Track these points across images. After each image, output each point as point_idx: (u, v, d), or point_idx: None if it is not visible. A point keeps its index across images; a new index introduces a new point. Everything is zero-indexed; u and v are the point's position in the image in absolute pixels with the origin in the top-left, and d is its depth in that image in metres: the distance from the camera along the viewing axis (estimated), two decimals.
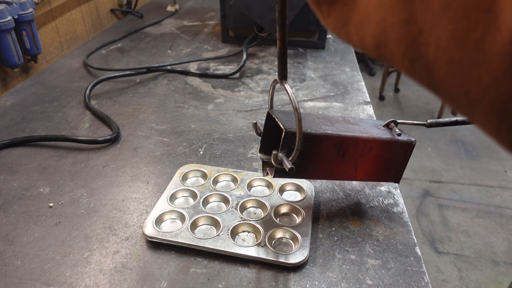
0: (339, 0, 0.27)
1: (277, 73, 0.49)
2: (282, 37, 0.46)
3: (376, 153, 0.57)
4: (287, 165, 0.48)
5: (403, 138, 0.58)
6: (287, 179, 0.65)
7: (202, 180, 0.68)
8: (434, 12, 0.21)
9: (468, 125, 0.60)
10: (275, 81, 0.52)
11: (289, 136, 0.50)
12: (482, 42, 0.19)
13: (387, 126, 0.60)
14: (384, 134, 0.57)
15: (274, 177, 0.55)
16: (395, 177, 0.61)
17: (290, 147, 0.50)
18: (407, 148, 0.58)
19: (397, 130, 0.59)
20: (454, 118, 0.60)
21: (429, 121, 0.61)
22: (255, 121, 0.57)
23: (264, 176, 0.57)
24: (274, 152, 0.50)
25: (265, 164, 0.56)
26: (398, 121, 0.61)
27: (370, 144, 0.56)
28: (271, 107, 0.57)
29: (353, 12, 0.26)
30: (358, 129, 0.57)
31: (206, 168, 0.69)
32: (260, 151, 0.57)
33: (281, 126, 0.50)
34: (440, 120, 0.61)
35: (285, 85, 0.49)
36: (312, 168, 0.56)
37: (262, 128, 0.56)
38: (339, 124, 0.57)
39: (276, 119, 0.52)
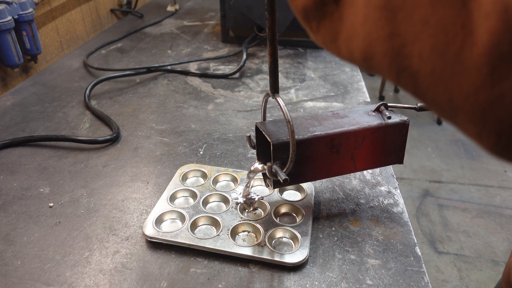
0: (328, 16, 0.28)
1: (269, 87, 0.50)
2: (272, 52, 0.46)
3: (370, 141, 0.57)
4: (282, 176, 0.49)
5: (394, 119, 0.57)
6: (265, 162, 0.65)
7: (202, 180, 0.68)
8: (415, 27, 0.22)
9: None
10: (267, 95, 0.52)
11: (278, 147, 0.50)
12: (461, 54, 0.20)
13: (377, 110, 0.60)
14: (374, 121, 0.57)
15: (274, 188, 0.56)
16: (398, 158, 0.61)
17: (282, 157, 0.51)
18: (402, 128, 0.58)
19: (386, 113, 0.58)
20: None
21: (419, 104, 0.61)
22: (248, 134, 0.57)
23: (267, 187, 0.58)
24: (268, 164, 0.51)
25: (265, 176, 0.57)
26: (388, 104, 0.60)
27: (362, 135, 0.56)
28: (264, 119, 0.58)
29: (341, 27, 0.27)
30: (348, 121, 0.57)
31: (206, 168, 0.69)
32: (259, 162, 0.57)
33: (268, 139, 0.51)
34: None
35: (277, 99, 0.49)
36: (309, 171, 0.56)
37: (255, 141, 0.57)
38: (328, 121, 0.57)
39: (263, 132, 0.53)
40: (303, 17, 0.30)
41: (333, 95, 1.00)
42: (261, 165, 0.56)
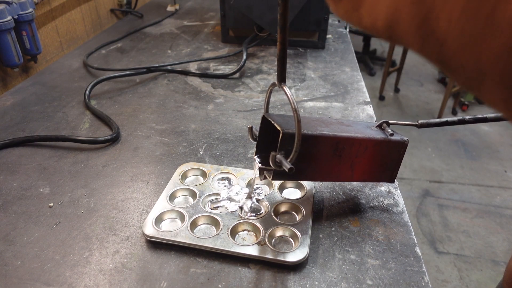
0: None
1: (276, 75, 0.49)
2: (283, 39, 0.46)
3: (371, 153, 0.57)
4: (286, 165, 0.48)
5: (396, 137, 0.59)
6: (262, 156, 0.65)
7: (201, 179, 0.68)
8: None
9: (459, 125, 0.61)
10: (273, 84, 0.52)
11: (287, 137, 0.50)
12: (494, 13, 0.19)
13: (379, 127, 0.61)
14: (377, 134, 0.58)
15: (272, 179, 0.55)
16: (391, 177, 0.62)
17: (287, 148, 0.50)
18: (401, 147, 0.59)
19: (389, 131, 0.59)
20: (444, 119, 0.61)
21: (420, 121, 0.62)
22: (250, 126, 0.57)
23: (261, 180, 0.57)
24: (273, 153, 0.50)
25: (262, 169, 0.56)
26: (390, 121, 0.62)
27: (365, 144, 0.56)
28: (267, 110, 0.57)
29: None
30: (353, 129, 0.57)
31: (205, 167, 0.69)
32: (256, 155, 0.57)
33: (278, 128, 0.51)
34: (431, 120, 0.62)
35: (284, 88, 0.49)
36: (309, 170, 0.56)
37: (257, 133, 0.57)
38: (334, 126, 0.57)
39: (272, 122, 0.53)
40: None
41: (333, 95, 1.00)
42: (258, 170, 0.55)
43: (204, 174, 0.68)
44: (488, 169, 2.42)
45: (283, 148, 0.50)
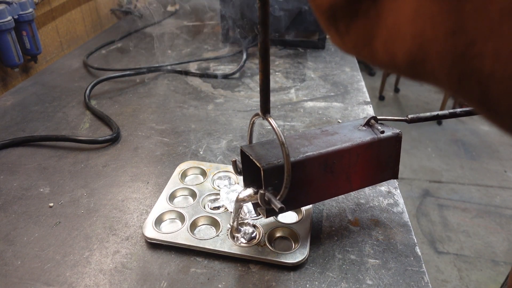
0: (361, 14, 0.23)
1: (260, 106, 0.46)
2: (264, 68, 0.42)
3: (364, 158, 0.54)
4: (277, 205, 0.45)
5: (387, 133, 0.55)
6: (253, 187, 0.59)
7: (201, 178, 0.68)
8: (490, 20, 0.17)
9: (450, 118, 0.58)
10: (256, 115, 0.48)
11: (269, 172, 0.46)
12: None
13: (367, 124, 0.57)
14: (367, 136, 0.54)
15: (267, 217, 0.51)
16: (393, 173, 0.58)
17: (274, 182, 0.47)
18: (395, 141, 0.56)
19: (379, 128, 0.55)
20: (435, 113, 0.58)
21: (410, 116, 0.58)
22: (234, 159, 0.53)
23: (258, 216, 0.54)
24: (261, 191, 0.46)
25: (256, 204, 0.53)
26: (378, 117, 0.58)
27: (355, 152, 0.53)
28: (250, 142, 0.53)
29: (379, 27, 0.23)
30: (339, 138, 0.53)
31: (205, 165, 0.69)
32: (245, 188, 0.52)
33: (258, 165, 0.47)
34: (421, 115, 0.59)
35: (269, 119, 0.45)
36: (303, 196, 0.52)
37: (241, 165, 0.53)
38: (318, 140, 0.53)
39: (251, 157, 0.49)
40: (328, 17, 0.25)
41: (333, 95, 1.00)
42: (248, 192, 0.51)
43: (204, 173, 0.68)
44: (488, 169, 2.42)
45: (269, 183, 0.47)
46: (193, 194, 0.63)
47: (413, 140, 2.68)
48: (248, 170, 0.53)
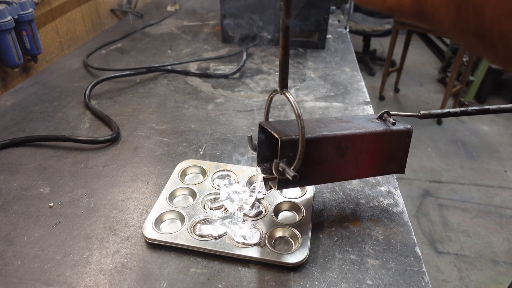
0: None
1: (278, 81, 0.48)
2: (285, 44, 0.45)
3: (375, 147, 0.56)
4: (290, 173, 0.47)
5: (398, 127, 0.57)
6: (265, 165, 0.64)
7: (201, 177, 0.68)
8: None
9: (461, 116, 0.59)
10: (275, 91, 0.51)
11: (286, 144, 0.49)
12: None
13: (380, 118, 0.59)
14: (379, 127, 0.57)
15: (278, 188, 0.53)
16: (399, 167, 0.60)
17: (289, 155, 0.49)
18: (405, 136, 0.58)
19: (391, 120, 0.58)
20: (446, 110, 0.59)
21: (422, 112, 0.60)
22: (250, 135, 0.56)
23: (267, 190, 0.56)
24: (276, 161, 0.49)
25: (266, 179, 0.55)
26: (391, 112, 0.60)
27: (367, 139, 0.55)
28: (267, 118, 0.56)
29: None
30: (353, 125, 0.56)
31: (205, 164, 0.69)
32: (259, 165, 0.55)
33: (276, 135, 0.49)
34: (433, 111, 0.60)
35: (287, 94, 0.48)
36: (315, 173, 0.55)
37: (256, 143, 0.55)
38: (333, 125, 0.56)
39: (269, 130, 0.51)
40: None
41: (333, 95, 1.00)
42: (262, 167, 0.54)
43: (203, 172, 0.68)
44: (488, 169, 2.42)
45: (284, 155, 0.49)
46: (193, 194, 0.63)
47: (413, 140, 2.67)
48: (263, 146, 0.56)
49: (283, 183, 0.52)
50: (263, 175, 0.55)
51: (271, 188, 0.55)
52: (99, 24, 1.51)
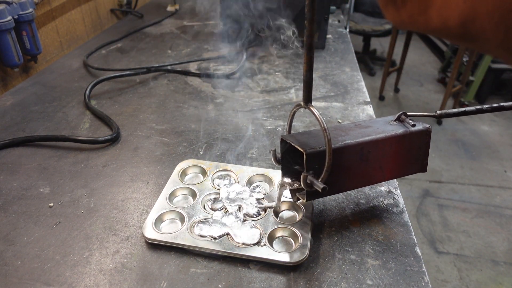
0: None
1: (302, 96, 0.50)
2: (309, 61, 0.46)
3: (396, 149, 0.57)
4: (319, 185, 0.48)
5: (418, 127, 0.58)
6: (290, 177, 0.65)
7: (201, 177, 0.68)
8: None
9: (477, 114, 0.60)
10: (298, 105, 0.52)
11: (311, 157, 0.50)
12: None
13: (398, 119, 0.60)
14: (398, 129, 0.57)
15: (307, 200, 0.55)
16: (422, 166, 0.61)
17: (314, 167, 0.51)
18: (425, 135, 0.59)
19: (410, 121, 0.59)
20: (462, 109, 0.60)
21: (438, 112, 0.61)
22: (273, 149, 0.57)
23: (295, 202, 0.58)
24: (304, 174, 0.50)
25: (293, 191, 0.57)
26: (408, 113, 0.61)
27: (389, 142, 0.56)
28: (289, 132, 0.57)
29: None
30: (373, 131, 0.57)
31: (205, 164, 0.69)
32: (284, 177, 0.57)
33: (301, 150, 0.51)
34: (450, 111, 0.61)
35: (312, 108, 0.49)
36: (341, 181, 0.55)
37: (279, 156, 0.57)
38: (353, 131, 0.57)
39: (293, 144, 0.53)
40: None
41: (333, 95, 1.00)
42: (288, 180, 0.56)
43: (203, 172, 0.68)
44: (488, 169, 2.42)
45: (310, 167, 0.51)
46: (193, 194, 0.63)
47: None
48: (286, 159, 0.57)
49: (311, 195, 0.53)
50: (290, 188, 0.56)
51: (298, 199, 0.56)
52: (99, 24, 1.51)
